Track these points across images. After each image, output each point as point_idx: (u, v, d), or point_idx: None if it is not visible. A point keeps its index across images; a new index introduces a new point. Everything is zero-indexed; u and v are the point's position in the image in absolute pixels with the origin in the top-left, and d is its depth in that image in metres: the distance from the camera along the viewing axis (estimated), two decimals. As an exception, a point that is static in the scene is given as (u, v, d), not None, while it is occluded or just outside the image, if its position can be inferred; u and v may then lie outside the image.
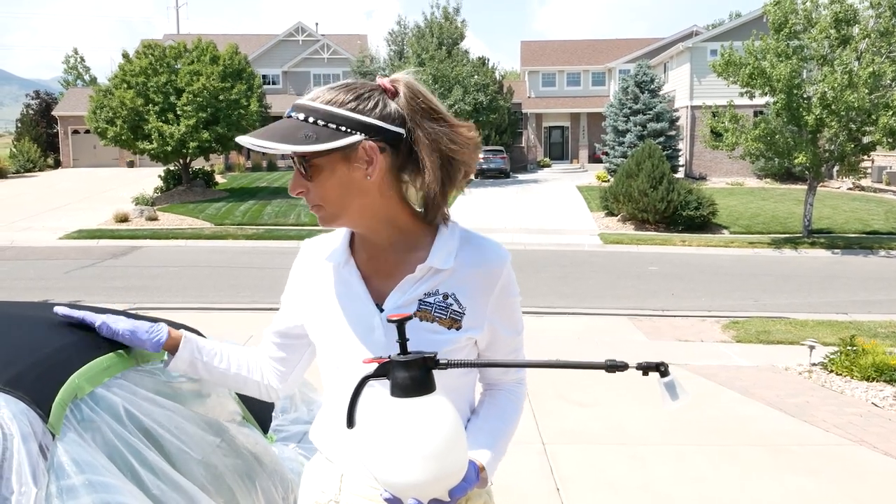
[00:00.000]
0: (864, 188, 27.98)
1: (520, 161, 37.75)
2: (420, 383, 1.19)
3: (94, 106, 24.18)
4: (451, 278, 1.35)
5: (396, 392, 1.19)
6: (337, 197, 1.30)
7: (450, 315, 1.34)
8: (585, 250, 17.91)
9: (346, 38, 45.05)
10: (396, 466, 1.16)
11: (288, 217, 21.30)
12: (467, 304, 1.35)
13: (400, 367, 1.19)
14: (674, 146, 30.07)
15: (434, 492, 1.19)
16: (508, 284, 1.40)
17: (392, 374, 1.19)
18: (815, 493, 3.94)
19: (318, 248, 1.47)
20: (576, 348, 7.61)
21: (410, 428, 1.16)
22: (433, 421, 1.17)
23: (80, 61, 60.96)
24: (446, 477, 1.19)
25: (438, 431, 1.17)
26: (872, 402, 5.77)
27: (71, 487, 1.17)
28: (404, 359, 1.19)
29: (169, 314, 3.48)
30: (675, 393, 1.23)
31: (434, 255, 1.34)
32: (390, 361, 1.20)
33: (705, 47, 31.18)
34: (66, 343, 1.50)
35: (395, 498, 1.21)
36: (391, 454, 1.16)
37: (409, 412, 1.17)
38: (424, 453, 1.15)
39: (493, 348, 1.43)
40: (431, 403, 1.19)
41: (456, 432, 1.19)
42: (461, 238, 1.38)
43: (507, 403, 1.47)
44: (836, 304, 11.31)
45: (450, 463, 1.18)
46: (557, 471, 4.16)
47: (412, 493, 1.18)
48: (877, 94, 17.03)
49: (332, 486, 1.43)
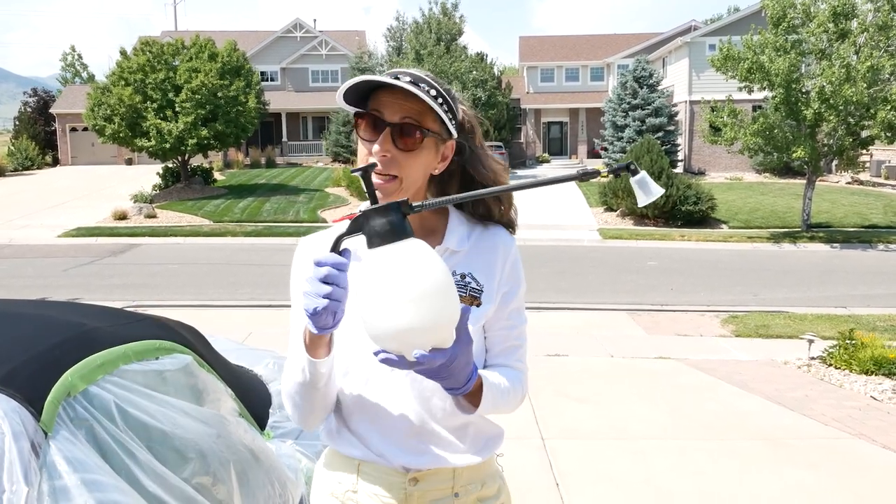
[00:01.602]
0: (863, 182, 27.96)
1: (519, 157, 37.72)
2: (396, 228, 1.15)
3: (92, 103, 24.11)
4: (465, 259, 1.41)
5: (375, 241, 1.15)
6: (418, 176, 1.34)
7: (469, 293, 1.39)
8: (584, 245, 17.91)
9: (345, 34, 44.99)
10: (389, 314, 1.10)
11: (287, 214, 21.27)
12: (483, 281, 1.41)
13: (373, 215, 1.15)
14: (672, 141, 30.04)
15: (433, 338, 1.14)
16: (517, 263, 1.46)
17: (367, 225, 1.16)
18: (814, 486, 3.95)
19: (322, 244, 1.45)
20: (574, 343, 7.60)
21: (397, 272, 1.11)
22: (419, 262, 1.12)
23: (77, 59, 60.79)
24: (443, 321, 1.13)
25: (427, 272, 1.12)
26: (871, 396, 5.77)
27: (63, 486, 1.16)
28: (376, 206, 1.16)
29: (168, 311, 3.48)
30: (647, 189, 1.28)
31: (449, 238, 1.40)
32: (362, 213, 1.17)
33: (704, 42, 31.13)
34: (59, 340, 1.49)
35: (395, 357, 1.14)
36: (382, 302, 1.11)
37: (392, 257, 1.13)
38: (415, 295, 1.10)
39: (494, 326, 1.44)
40: (411, 246, 1.14)
41: (444, 273, 1.14)
42: (469, 222, 1.45)
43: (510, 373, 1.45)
44: (835, 298, 11.31)
45: (444, 305, 1.12)
46: (557, 466, 4.16)
47: (411, 343, 1.12)
48: (875, 89, 17.00)
49: (349, 477, 1.42)
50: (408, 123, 1.29)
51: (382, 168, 1.30)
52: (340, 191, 25.61)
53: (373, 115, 1.30)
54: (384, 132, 1.29)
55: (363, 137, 1.33)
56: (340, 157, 35.76)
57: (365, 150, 1.33)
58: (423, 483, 1.39)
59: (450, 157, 1.38)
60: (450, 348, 1.16)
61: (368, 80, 1.28)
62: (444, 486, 1.40)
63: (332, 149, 36.18)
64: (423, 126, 1.30)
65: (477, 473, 1.43)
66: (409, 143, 1.30)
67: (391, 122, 1.29)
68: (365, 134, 1.32)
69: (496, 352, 1.47)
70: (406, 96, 1.29)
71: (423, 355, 1.12)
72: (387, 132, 1.29)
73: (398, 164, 1.30)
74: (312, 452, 2.30)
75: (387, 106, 1.30)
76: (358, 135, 1.34)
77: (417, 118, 1.30)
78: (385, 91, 1.31)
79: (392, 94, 1.30)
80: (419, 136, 1.30)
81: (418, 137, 1.30)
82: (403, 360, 1.14)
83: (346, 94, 1.30)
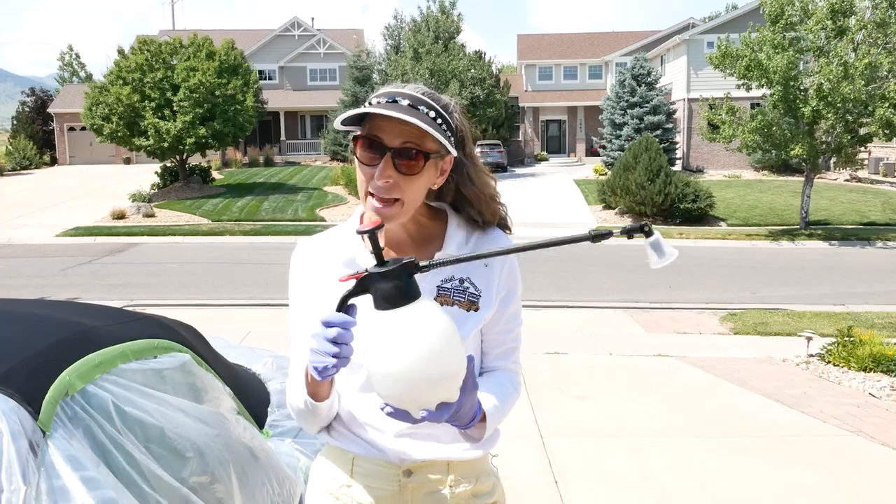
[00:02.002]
0: (861, 180, 27.99)
1: (517, 155, 37.70)
2: (404, 291, 1.13)
3: (90, 103, 24.09)
4: (464, 264, 1.39)
5: (381, 304, 1.13)
6: (419, 196, 1.33)
7: (468, 298, 1.39)
8: (583, 243, 17.90)
9: (343, 32, 44.95)
10: (396, 374, 1.11)
11: (285, 213, 21.26)
12: (482, 286, 1.41)
13: (380, 279, 1.12)
14: (671, 139, 30.04)
15: (440, 395, 1.14)
16: (514, 266, 1.46)
17: (373, 286, 1.13)
18: (812, 483, 3.95)
19: (322, 246, 1.45)
20: (573, 341, 7.60)
21: (404, 335, 1.11)
22: (425, 324, 1.12)
23: (75, 58, 60.73)
24: (445, 382, 1.14)
25: (432, 333, 1.11)
26: (869, 393, 5.78)
27: (61, 485, 1.16)
28: (383, 269, 1.13)
29: (167, 311, 3.48)
30: (661, 251, 1.24)
31: (448, 244, 1.41)
32: (368, 274, 1.14)
33: (702, 39, 31.12)
34: (57, 339, 1.49)
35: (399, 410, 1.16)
36: (389, 363, 1.11)
37: (399, 321, 1.12)
38: (417, 359, 1.10)
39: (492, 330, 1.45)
40: (417, 310, 1.13)
41: (451, 331, 1.14)
42: (468, 227, 1.45)
43: (506, 380, 1.47)
44: (834, 295, 11.32)
45: (446, 367, 1.13)
46: (556, 463, 4.16)
47: (417, 401, 1.13)
48: (873, 86, 17.01)
49: (342, 472, 1.43)
50: (408, 147, 1.27)
51: (384, 193, 1.28)
52: (339, 189, 25.59)
53: (372, 140, 1.28)
54: (385, 158, 1.27)
55: (362, 161, 1.30)
56: (338, 155, 35.74)
57: (364, 177, 1.31)
58: (416, 475, 1.39)
59: (448, 170, 1.37)
60: (455, 402, 1.18)
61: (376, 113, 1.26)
62: (438, 479, 1.40)
63: (331, 147, 36.14)
64: (423, 150, 1.28)
65: (471, 469, 1.43)
66: (410, 168, 1.28)
67: (391, 146, 1.27)
68: (364, 157, 1.29)
69: (494, 355, 1.48)
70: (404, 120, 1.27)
71: (430, 413, 1.15)
72: (388, 157, 1.27)
73: (400, 188, 1.28)
74: (311, 451, 2.31)
75: (385, 130, 1.27)
76: (356, 156, 1.31)
77: (418, 141, 1.28)
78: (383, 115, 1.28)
79: (391, 119, 1.27)
80: (420, 160, 1.28)
81: (419, 161, 1.28)
82: (409, 415, 1.17)
83: None
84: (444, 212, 1.46)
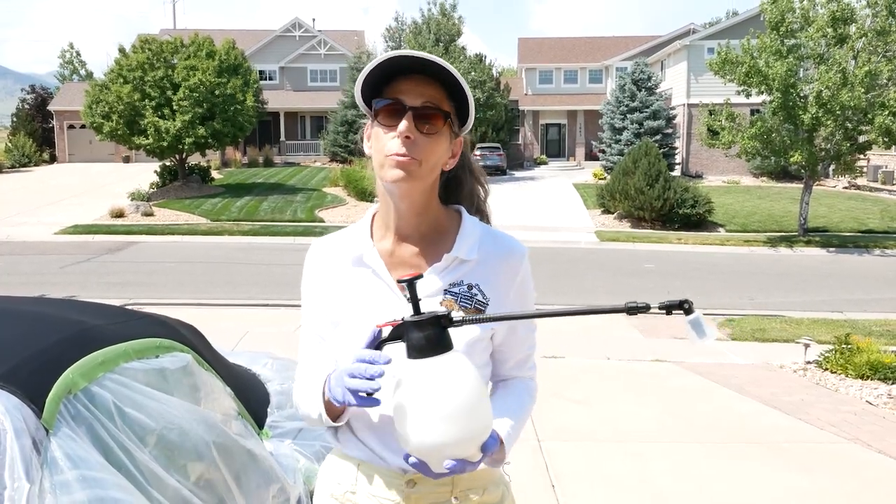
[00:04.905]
0: (860, 187, 28.04)
1: (516, 158, 37.71)
2: (436, 342, 1.16)
3: (90, 101, 24.07)
4: (474, 269, 1.39)
5: (413, 353, 1.17)
6: (436, 162, 1.35)
7: (474, 305, 1.37)
8: (582, 248, 17.92)
9: (343, 33, 44.97)
10: (421, 428, 1.13)
11: (284, 213, 21.25)
12: (491, 295, 1.39)
13: (414, 328, 1.16)
14: (670, 144, 30.08)
15: (461, 452, 1.17)
16: (527, 277, 1.46)
17: (407, 335, 1.17)
18: (809, 490, 3.96)
19: (332, 246, 1.46)
20: (571, 345, 7.61)
21: (431, 388, 1.13)
22: (453, 379, 1.15)
23: (75, 56, 60.68)
24: (472, 436, 1.17)
25: (460, 389, 1.14)
26: (867, 401, 5.79)
27: (64, 483, 1.16)
28: (417, 319, 1.17)
29: (165, 310, 3.48)
30: (701, 330, 1.20)
31: (459, 246, 1.39)
32: (404, 323, 1.18)
33: (702, 45, 31.17)
34: (60, 338, 1.49)
35: (422, 462, 1.19)
36: (414, 416, 1.14)
37: (427, 372, 1.15)
38: (448, 412, 1.13)
39: (509, 342, 1.45)
40: (450, 361, 1.16)
41: (478, 389, 1.17)
42: (482, 231, 1.43)
43: (522, 391, 1.47)
44: (832, 302, 11.34)
45: (475, 421, 1.16)
46: (553, 467, 4.16)
47: (439, 455, 1.16)
48: (873, 94, 17.05)
49: (348, 478, 1.42)
50: (429, 107, 1.30)
51: (406, 150, 1.30)
52: (338, 190, 25.58)
53: (394, 102, 1.31)
54: (406, 115, 1.29)
55: (383, 123, 1.32)
56: (338, 156, 35.71)
57: (383, 142, 1.32)
58: (420, 485, 1.37)
59: (458, 154, 1.40)
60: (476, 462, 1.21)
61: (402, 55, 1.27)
62: (442, 490, 1.38)
63: (330, 148, 36.13)
64: (442, 109, 1.32)
65: (478, 479, 1.40)
66: (430, 127, 1.31)
67: (413, 105, 1.30)
68: (385, 121, 1.32)
69: (510, 365, 1.49)
70: (424, 82, 1.31)
71: (452, 465, 1.17)
72: (409, 115, 1.29)
73: (420, 147, 1.30)
74: (311, 452, 2.31)
75: (406, 92, 1.31)
76: (378, 122, 1.33)
77: (437, 102, 1.32)
78: (403, 78, 1.31)
79: (411, 81, 1.31)
80: (440, 120, 1.32)
81: (438, 121, 1.32)
82: (429, 468, 1.19)
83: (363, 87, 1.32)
84: (458, 213, 1.45)
